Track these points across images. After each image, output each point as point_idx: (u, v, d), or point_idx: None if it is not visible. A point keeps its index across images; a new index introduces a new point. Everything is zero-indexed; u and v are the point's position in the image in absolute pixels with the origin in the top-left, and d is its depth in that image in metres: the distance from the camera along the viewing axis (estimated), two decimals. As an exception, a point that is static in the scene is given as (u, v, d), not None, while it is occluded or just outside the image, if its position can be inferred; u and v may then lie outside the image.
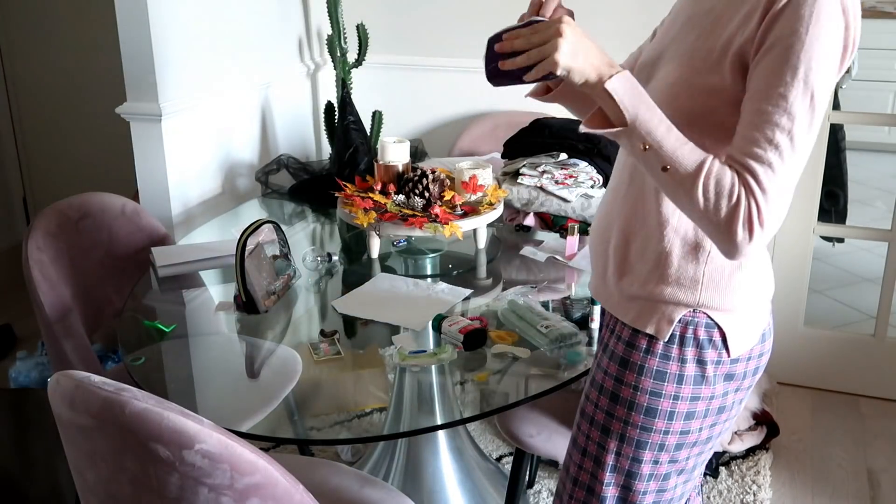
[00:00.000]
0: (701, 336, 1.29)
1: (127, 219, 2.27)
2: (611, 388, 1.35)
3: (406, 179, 2.15)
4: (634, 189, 1.33)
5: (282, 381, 1.68)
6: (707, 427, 1.35)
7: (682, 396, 1.31)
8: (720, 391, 1.32)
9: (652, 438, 1.33)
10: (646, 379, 1.31)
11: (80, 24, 3.82)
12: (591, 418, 1.39)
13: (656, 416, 1.32)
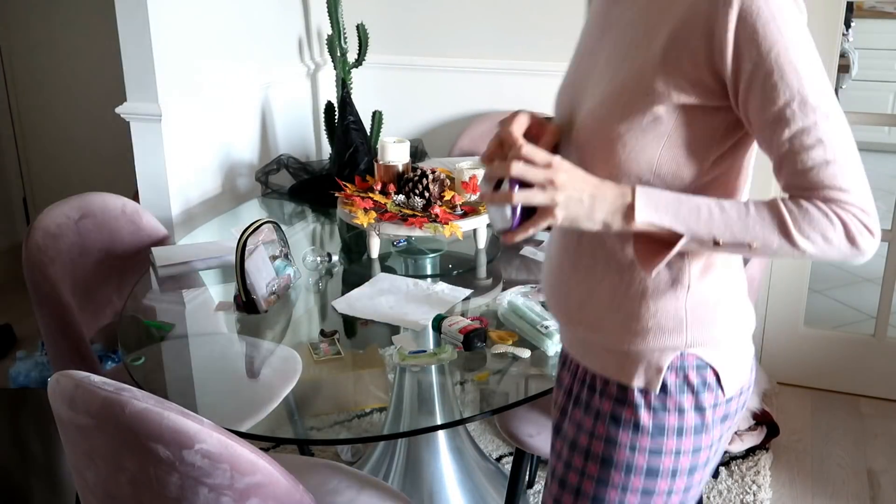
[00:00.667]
0: (694, 380, 1.16)
1: (127, 219, 2.27)
2: (601, 453, 1.19)
3: (406, 179, 2.15)
4: (588, 235, 1.16)
5: (282, 381, 1.68)
6: (706, 473, 1.25)
7: (684, 451, 1.18)
8: (717, 435, 1.20)
9: (655, 501, 1.20)
10: (643, 437, 1.16)
11: (80, 23, 3.82)
12: (577, 489, 1.22)
13: (658, 477, 1.18)
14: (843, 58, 3.63)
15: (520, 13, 3.11)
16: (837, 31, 2.73)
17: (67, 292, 2.03)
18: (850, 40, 5.09)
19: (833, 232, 1.03)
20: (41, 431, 2.64)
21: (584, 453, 1.21)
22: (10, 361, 3.13)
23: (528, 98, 3.20)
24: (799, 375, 3.07)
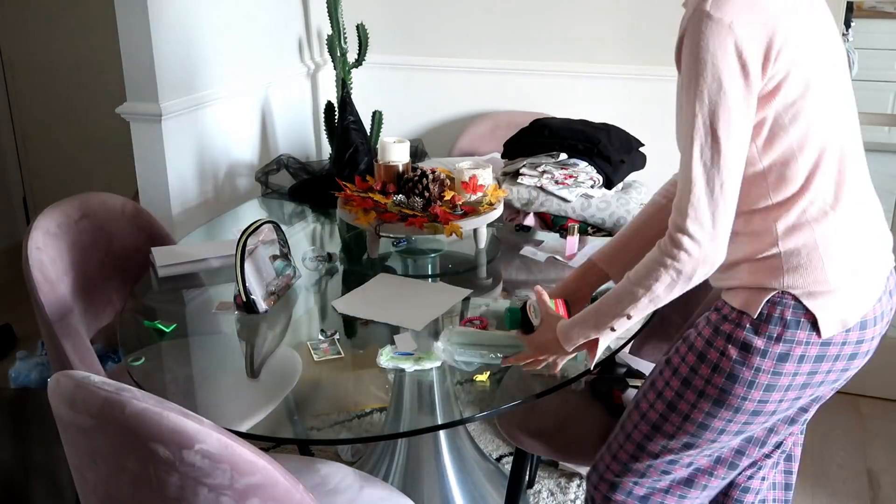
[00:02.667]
0: (788, 316, 1.36)
1: (127, 219, 2.27)
2: (697, 345, 1.46)
3: (406, 179, 2.15)
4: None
5: (282, 381, 1.68)
6: (787, 400, 1.43)
7: (764, 369, 1.38)
8: (805, 369, 1.39)
9: (729, 400, 1.42)
10: (732, 347, 1.40)
11: (80, 23, 3.82)
12: (681, 375, 1.49)
13: (735, 382, 1.41)
14: (843, 58, 3.62)
15: (520, 13, 3.11)
16: (837, 32, 2.72)
17: (67, 292, 2.03)
18: (850, 40, 5.09)
19: (657, 270, 1.35)
20: (41, 431, 2.64)
21: (690, 350, 1.48)
22: (10, 361, 3.13)
23: (529, 98, 3.20)
24: (799, 375, 3.07)
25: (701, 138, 1.26)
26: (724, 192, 1.28)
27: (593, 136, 2.44)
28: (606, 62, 3.08)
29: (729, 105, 1.24)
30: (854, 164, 1.39)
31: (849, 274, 1.36)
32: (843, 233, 1.37)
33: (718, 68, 1.23)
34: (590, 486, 1.67)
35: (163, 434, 1.13)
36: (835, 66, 1.37)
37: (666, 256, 1.33)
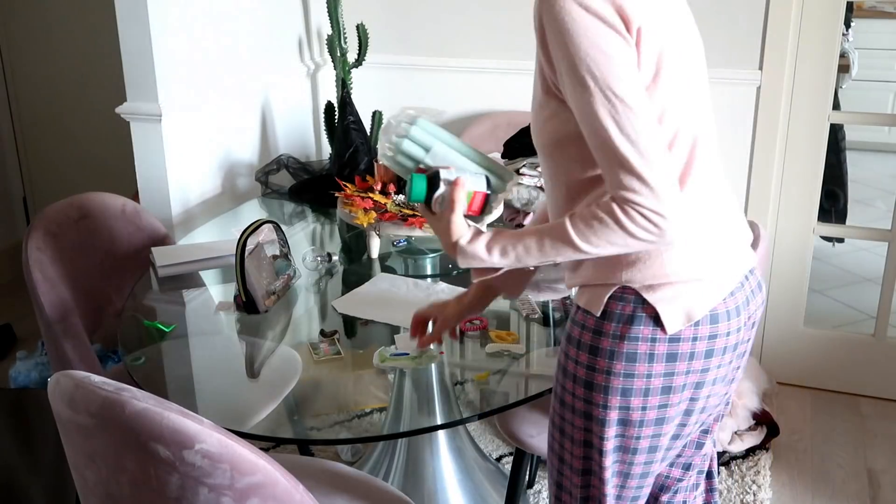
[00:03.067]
0: (629, 312, 1.30)
1: (127, 219, 2.27)
2: (560, 362, 1.40)
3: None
4: (551, 196, 1.42)
5: (282, 381, 1.68)
6: (653, 407, 1.33)
7: (615, 372, 1.31)
8: (659, 370, 1.31)
9: (592, 411, 1.34)
10: (581, 353, 1.34)
11: (80, 23, 3.82)
12: (557, 396, 1.43)
13: (592, 390, 1.34)
14: (843, 58, 3.62)
15: (520, 13, 3.11)
16: (837, 31, 2.73)
17: (67, 293, 2.03)
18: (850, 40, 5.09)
19: (599, 224, 1.22)
20: (41, 431, 2.64)
21: (559, 369, 1.42)
22: (10, 361, 3.13)
23: (528, 98, 3.19)
24: (799, 375, 3.07)
25: (612, 114, 1.18)
26: (656, 152, 1.19)
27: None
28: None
29: (620, 65, 1.18)
30: (703, 155, 1.32)
31: (692, 266, 1.29)
32: (688, 226, 1.29)
33: (592, 37, 1.18)
34: None
35: (163, 434, 1.13)
36: (690, 54, 1.32)
37: (629, 222, 1.20)
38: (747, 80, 2.82)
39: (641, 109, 1.18)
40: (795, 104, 2.83)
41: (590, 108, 1.19)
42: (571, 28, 1.18)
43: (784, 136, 2.86)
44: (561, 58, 1.21)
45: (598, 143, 1.20)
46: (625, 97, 1.17)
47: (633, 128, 1.17)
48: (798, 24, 2.75)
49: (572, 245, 1.24)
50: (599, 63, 1.17)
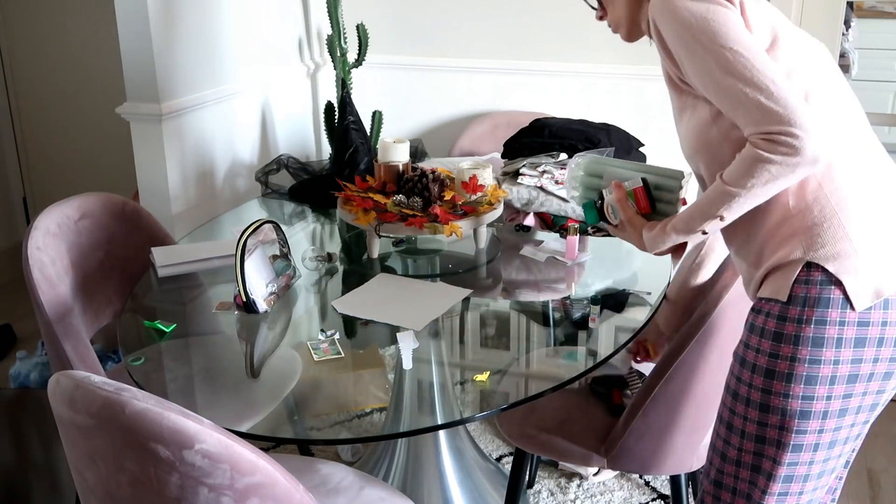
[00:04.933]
0: (815, 294, 1.30)
1: (127, 219, 2.27)
2: (738, 353, 1.41)
3: (406, 179, 2.15)
4: (704, 176, 1.48)
5: (282, 381, 1.68)
6: (837, 397, 1.32)
7: (800, 358, 1.31)
8: (847, 356, 1.30)
9: (771, 401, 1.34)
10: (764, 341, 1.34)
11: (80, 24, 3.82)
12: (731, 390, 1.43)
13: (774, 378, 1.33)
14: (843, 58, 3.62)
15: (519, 13, 3.11)
16: (837, 31, 2.73)
17: (67, 292, 2.03)
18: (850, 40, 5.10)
19: (754, 166, 1.28)
20: (41, 431, 2.64)
21: (737, 360, 1.43)
22: (10, 361, 3.13)
23: (529, 98, 3.20)
24: (799, 375, 3.07)
25: (726, 64, 1.28)
26: (778, 84, 1.26)
27: (593, 136, 2.44)
28: (606, 62, 3.08)
29: (725, 24, 1.30)
30: (857, 131, 1.39)
31: (875, 235, 1.31)
32: (857, 194, 1.33)
33: (695, 12, 1.31)
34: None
35: (163, 434, 1.13)
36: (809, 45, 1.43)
37: (765, 152, 1.27)
38: (747, 80, 2.82)
39: (752, 51, 1.29)
40: (795, 104, 2.83)
41: (707, 68, 1.30)
42: (676, 14, 1.32)
43: (784, 136, 2.86)
44: (678, 46, 1.34)
45: (721, 97, 1.31)
46: (733, 45, 1.28)
47: (745, 68, 1.27)
48: (798, 24, 2.75)
49: (728, 194, 1.32)
50: (705, 29, 1.30)
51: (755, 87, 1.26)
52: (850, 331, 1.29)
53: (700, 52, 1.30)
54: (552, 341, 1.84)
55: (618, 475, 2.55)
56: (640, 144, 2.59)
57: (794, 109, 1.24)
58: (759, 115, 1.26)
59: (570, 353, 1.76)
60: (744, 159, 1.29)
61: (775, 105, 1.25)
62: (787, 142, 1.24)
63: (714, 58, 1.29)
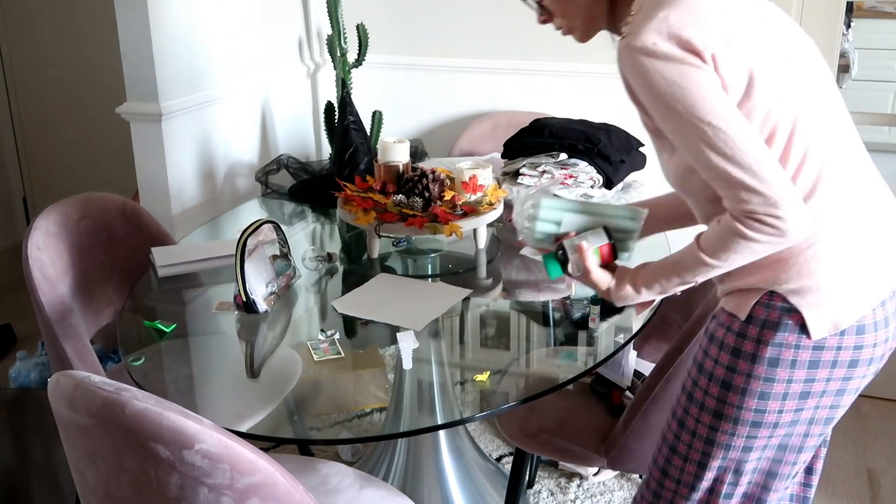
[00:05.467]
0: (775, 318, 1.33)
1: (127, 219, 2.27)
2: (697, 358, 1.45)
3: (406, 179, 2.15)
4: (698, 211, 1.45)
5: (282, 381, 1.68)
6: (789, 411, 1.37)
7: (756, 375, 1.35)
8: (800, 377, 1.34)
9: (725, 410, 1.38)
10: (723, 353, 1.38)
11: (80, 23, 3.82)
12: (686, 391, 1.47)
13: (729, 390, 1.37)
14: (843, 58, 3.62)
15: (519, 13, 3.11)
16: (837, 31, 2.73)
17: (67, 292, 2.03)
18: (850, 40, 5.09)
19: (731, 238, 1.27)
20: (41, 431, 2.64)
21: (696, 365, 1.46)
22: (11, 361, 3.13)
23: (529, 98, 3.20)
24: (799, 375, 3.07)
25: (705, 139, 1.23)
26: (761, 162, 1.23)
27: (593, 136, 2.44)
28: (606, 62, 3.06)
29: (700, 93, 1.23)
30: (839, 155, 1.35)
31: (840, 272, 1.32)
32: (832, 229, 1.32)
33: (668, 77, 1.23)
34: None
35: (163, 434, 1.13)
36: (793, 55, 1.35)
37: (749, 231, 1.25)
38: (747, 80, 2.82)
39: (732, 125, 1.23)
40: (795, 104, 2.83)
41: (686, 139, 1.26)
42: (648, 77, 1.25)
43: (784, 136, 2.86)
44: (650, 105, 1.29)
45: (703, 167, 1.27)
46: (711, 119, 1.23)
47: (726, 145, 1.23)
48: (798, 24, 2.75)
49: (705, 264, 1.32)
50: (680, 97, 1.23)
51: (737, 165, 1.23)
52: (806, 354, 1.33)
53: (677, 119, 1.25)
54: (552, 341, 1.84)
55: (618, 475, 2.55)
56: (640, 144, 2.59)
57: (778, 191, 1.22)
58: (742, 193, 1.23)
59: (570, 353, 1.76)
60: (725, 232, 1.27)
61: (759, 185, 1.22)
62: (772, 223, 1.23)
63: (693, 130, 1.24)
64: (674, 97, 1.23)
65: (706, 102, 1.23)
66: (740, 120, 1.24)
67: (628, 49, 1.26)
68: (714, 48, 1.24)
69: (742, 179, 1.23)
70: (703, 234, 1.33)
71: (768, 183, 1.22)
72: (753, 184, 1.22)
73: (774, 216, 1.23)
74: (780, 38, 1.34)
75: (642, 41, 1.24)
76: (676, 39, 1.24)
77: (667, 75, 1.23)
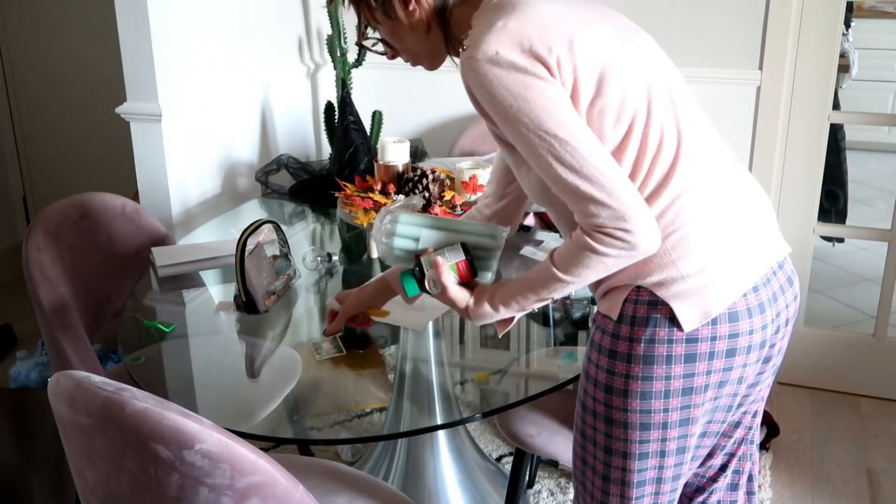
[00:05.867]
0: (644, 314, 1.30)
1: (127, 219, 2.27)
2: (584, 366, 1.43)
3: (406, 179, 2.16)
4: (559, 223, 1.42)
5: (282, 381, 1.68)
6: (675, 409, 1.33)
7: (633, 375, 1.32)
8: (678, 372, 1.31)
9: (613, 415, 1.35)
10: (601, 357, 1.35)
11: (80, 23, 3.82)
12: (581, 401, 1.45)
13: (611, 393, 1.35)
14: (843, 58, 3.62)
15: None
16: (837, 31, 2.73)
17: (67, 292, 2.03)
18: (850, 40, 5.10)
19: (582, 255, 1.25)
20: (41, 432, 2.65)
21: (583, 373, 1.44)
22: (10, 361, 3.14)
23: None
24: (799, 375, 3.08)
25: (553, 152, 1.22)
26: (608, 175, 1.21)
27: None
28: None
29: (545, 105, 1.22)
30: (696, 143, 1.32)
31: (703, 261, 1.29)
32: (692, 216, 1.29)
33: (512, 90, 1.22)
34: None
35: (163, 434, 1.13)
36: (641, 52, 1.34)
37: (599, 245, 1.23)
38: (747, 80, 2.82)
39: (579, 138, 1.22)
40: (795, 104, 2.83)
41: (532, 151, 1.24)
42: (491, 87, 1.23)
43: (784, 136, 2.86)
44: (496, 117, 1.26)
45: (551, 181, 1.25)
46: (558, 132, 1.21)
47: (573, 157, 1.21)
48: (798, 24, 2.75)
49: (559, 280, 1.29)
50: (525, 110, 1.22)
51: (585, 179, 1.21)
52: (679, 348, 1.30)
53: (524, 132, 1.23)
54: (552, 341, 1.84)
55: (618, 475, 2.54)
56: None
57: (627, 204, 1.21)
58: (591, 207, 1.22)
59: (569, 353, 1.76)
60: (576, 247, 1.26)
61: (607, 198, 1.21)
62: (623, 237, 1.22)
63: (540, 143, 1.22)
64: (519, 110, 1.22)
65: (552, 115, 1.21)
66: (587, 133, 1.23)
67: (471, 60, 1.24)
68: (558, 51, 1.23)
69: (590, 193, 1.21)
70: (557, 250, 1.31)
71: (616, 196, 1.21)
72: (601, 197, 1.21)
73: (623, 229, 1.21)
74: (620, 31, 1.33)
75: (484, 51, 1.23)
76: (519, 47, 1.23)
77: (511, 87, 1.22)
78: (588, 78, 1.25)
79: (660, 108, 1.30)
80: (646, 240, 1.23)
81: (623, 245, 1.22)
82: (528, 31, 1.24)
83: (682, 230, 1.29)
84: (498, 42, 1.23)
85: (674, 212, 1.28)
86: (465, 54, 1.26)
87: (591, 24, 1.30)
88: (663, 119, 1.30)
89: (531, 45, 1.23)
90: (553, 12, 1.28)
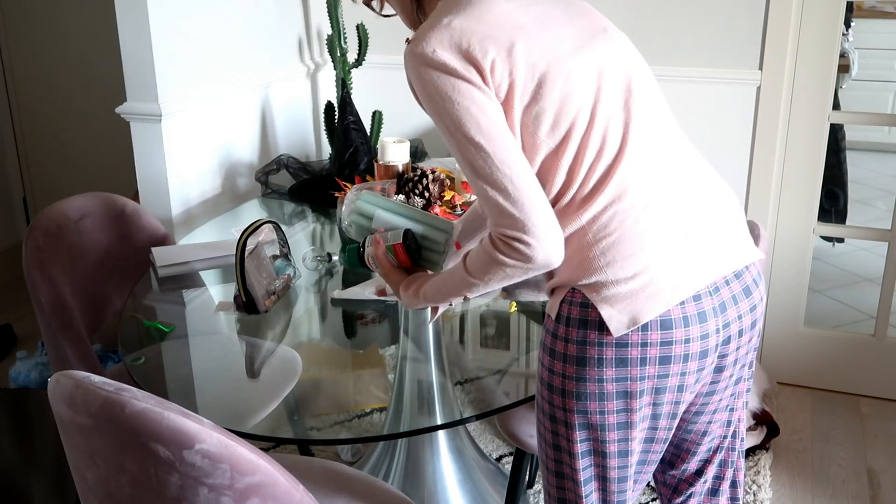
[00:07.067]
0: (576, 315, 1.30)
1: (127, 219, 2.27)
2: (537, 368, 1.44)
3: (406, 179, 2.16)
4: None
5: (282, 381, 1.68)
6: (612, 412, 1.32)
7: (568, 375, 1.33)
8: (610, 375, 1.30)
9: (555, 413, 1.36)
10: (545, 356, 1.37)
11: (80, 23, 3.82)
12: (535, 403, 1.48)
13: (552, 391, 1.36)
14: (843, 58, 3.63)
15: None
16: (837, 31, 2.73)
17: (67, 292, 2.03)
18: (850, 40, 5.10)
19: (489, 262, 1.28)
20: (41, 431, 2.64)
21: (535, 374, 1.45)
22: (10, 361, 3.14)
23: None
24: (799, 375, 3.08)
25: (468, 156, 1.25)
26: (517, 186, 1.23)
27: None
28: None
29: (469, 109, 1.24)
30: (641, 146, 1.31)
31: (631, 267, 1.27)
32: (624, 224, 1.28)
33: (441, 89, 1.24)
34: None
35: (163, 434, 1.13)
36: (594, 46, 1.32)
37: (499, 254, 1.26)
38: (747, 80, 2.83)
39: (496, 147, 1.24)
40: (795, 104, 2.83)
41: (454, 150, 1.28)
42: (424, 86, 1.26)
43: (784, 136, 2.87)
44: (426, 109, 1.30)
45: (470, 184, 1.29)
46: (475, 137, 1.24)
47: (486, 164, 1.24)
48: (798, 24, 2.75)
49: (468, 282, 1.33)
50: (449, 111, 1.25)
51: (495, 187, 1.23)
52: (610, 352, 1.29)
53: (447, 133, 1.27)
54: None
55: (618, 475, 2.55)
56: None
57: (529, 215, 1.22)
58: (497, 215, 1.24)
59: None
60: (483, 251, 1.29)
61: (512, 208, 1.22)
62: (519, 248, 1.23)
63: (459, 146, 1.26)
64: (444, 109, 1.24)
65: (473, 119, 1.23)
66: (507, 142, 1.24)
67: (410, 55, 1.27)
68: (494, 55, 1.24)
69: (497, 201, 1.23)
70: (470, 252, 1.34)
71: (522, 208, 1.22)
72: (507, 206, 1.22)
73: (523, 241, 1.23)
74: (579, 31, 1.32)
75: (422, 48, 1.25)
76: (457, 47, 1.24)
77: (440, 87, 1.24)
78: (526, 82, 1.26)
79: (605, 114, 1.30)
80: (544, 255, 1.24)
81: (519, 256, 1.24)
82: (469, 33, 1.25)
83: (613, 236, 1.28)
84: (437, 40, 1.25)
85: (607, 217, 1.28)
86: (407, 49, 1.29)
87: (544, 25, 1.30)
88: (608, 125, 1.30)
89: (468, 47, 1.24)
90: (504, 11, 1.28)
